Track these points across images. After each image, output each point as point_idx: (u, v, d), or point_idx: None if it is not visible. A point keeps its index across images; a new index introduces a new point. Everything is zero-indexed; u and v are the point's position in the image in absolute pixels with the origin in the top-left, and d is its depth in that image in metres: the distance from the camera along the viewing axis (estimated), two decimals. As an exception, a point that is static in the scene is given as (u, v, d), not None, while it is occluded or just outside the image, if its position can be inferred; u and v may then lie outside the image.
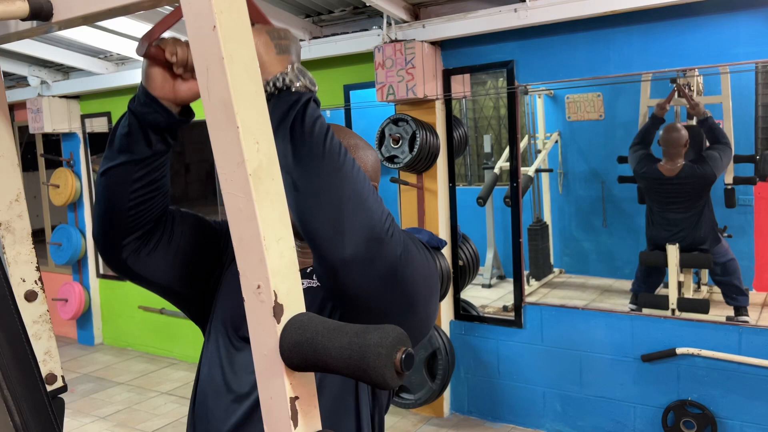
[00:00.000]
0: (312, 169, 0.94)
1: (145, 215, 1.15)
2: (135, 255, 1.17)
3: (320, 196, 0.94)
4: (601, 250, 5.33)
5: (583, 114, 5.13)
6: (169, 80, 1.05)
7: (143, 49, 1.02)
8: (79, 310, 5.84)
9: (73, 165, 5.80)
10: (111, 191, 1.12)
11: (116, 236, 1.15)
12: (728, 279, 4.06)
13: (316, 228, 0.95)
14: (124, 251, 1.16)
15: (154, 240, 1.18)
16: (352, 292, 0.98)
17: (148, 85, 1.06)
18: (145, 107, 1.06)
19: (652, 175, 4.11)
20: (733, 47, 3.12)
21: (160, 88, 1.05)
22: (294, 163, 0.94)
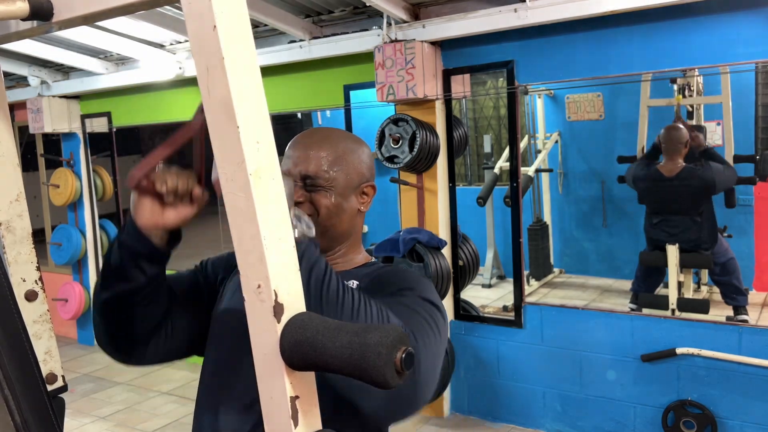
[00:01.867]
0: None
1: (149, 326, 1.19)
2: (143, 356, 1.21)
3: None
4: (601, 250, 5.33)
5: (583, 114, 5.13)
6: (157, 210, 1.07)
7: (134, 181, 1.04)
8: (79, 310, 5.84)
9: (73, 165, 5.79)
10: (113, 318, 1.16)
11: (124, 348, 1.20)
12: (727, 279, 4.06)
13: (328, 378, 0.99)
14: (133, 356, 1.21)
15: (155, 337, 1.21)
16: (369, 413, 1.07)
17: (137, 215, 1.07)
18: (132, 239, 1.08)
19: (652, 175, 4.11)
20: (733, 47, 3.12)
21: (149, 218, 1.07)
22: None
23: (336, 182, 1.21)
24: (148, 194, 1.05)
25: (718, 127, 4.45)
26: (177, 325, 1.23)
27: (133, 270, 1.10)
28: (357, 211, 1.25)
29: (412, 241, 3.50)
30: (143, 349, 1.20)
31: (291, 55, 4.17)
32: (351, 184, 1.23)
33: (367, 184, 1.26)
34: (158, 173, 1.04)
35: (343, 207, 1.21)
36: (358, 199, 1.25)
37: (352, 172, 1.23)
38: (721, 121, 4.38)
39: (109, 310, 1.15)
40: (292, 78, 4.45)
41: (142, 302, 1.14)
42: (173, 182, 1.05)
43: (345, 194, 1.22)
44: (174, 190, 1.05)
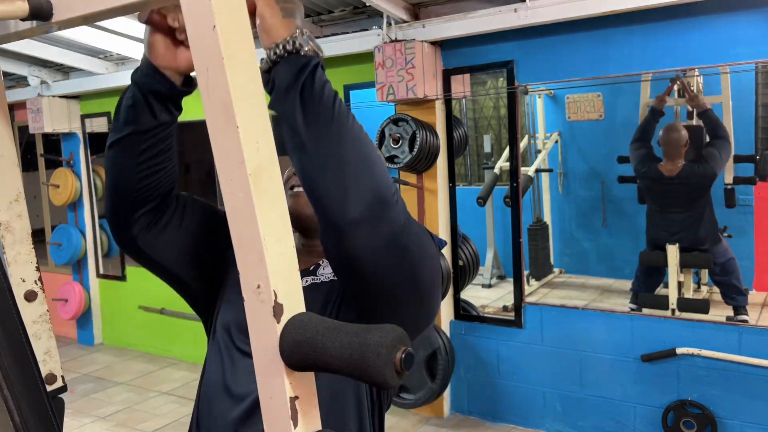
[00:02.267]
0: (321, 131, 0.95)
1: (154, 188, 1.15)
2: (145, 232, 1.18)
3: (329, 158, 0.95)
4: (601, 250, 5.33)
5: (583, 114, 5.13)
6: (171, 48, 1.05)
7: (145, 16, 1.01)
8: (79, 310, 5.84)
9: (73, 165, 5.80)
10: (119, 164, 1.13)
11: (126, 211, 1.16)
12: (727, 279, 4.06)
13: (324, 189, 0.95)
14: (134, 227, 1.17)
15: (164, 219, 1.19)
16: (355, 254, 0.98)
17: (150, 54, 1.06)
18: (147, 78, 1.07)
19: (652, 175, 4.11)
20: (733, 47, 3.12)
21: (162, 56, 1.05)
22: (303, 125, 0.94)
23: None
24: (161, 30, 1.03)
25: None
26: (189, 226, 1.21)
27: (144, 111, 1.08)
28: None
29: (412, 241, 3.50)
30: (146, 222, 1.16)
31: (291, 55, 4.16)
32: None
33: None
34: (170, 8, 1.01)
35: None
36: None
37: None
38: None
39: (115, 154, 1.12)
40: (292, 78, 4.44)
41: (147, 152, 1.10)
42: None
43: None
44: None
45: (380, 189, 0.97)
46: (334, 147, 0.95)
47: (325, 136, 0.95)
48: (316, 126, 0.95)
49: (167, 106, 1.10)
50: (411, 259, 1.02)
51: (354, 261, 0.99)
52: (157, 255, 1.21)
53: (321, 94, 0.95)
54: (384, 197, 0.97)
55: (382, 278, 1.01)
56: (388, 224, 0.98)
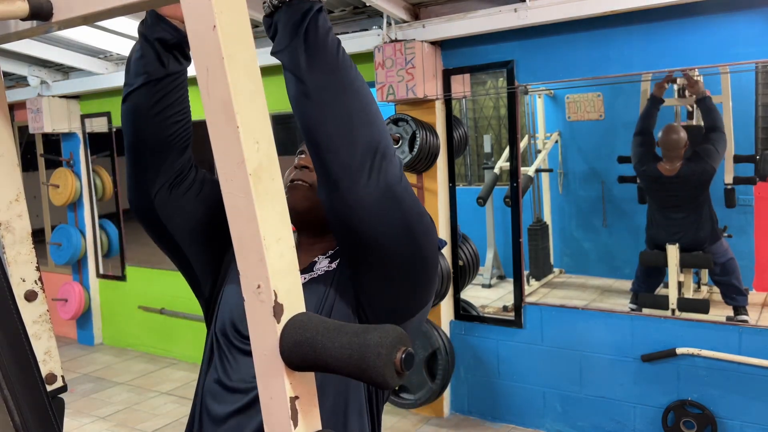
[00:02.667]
0: (326, 77, 0.95)
1: (170, 142, 1.15)
2: (165, 192, 1.18)
3: (332, 106, 0.95)
4: (601, 250, 5.33)
5: (583, 114, 5.13)
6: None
7: None
8: (79, 310, 5.84)
9: (73, 165, 5.80)
10: (133, 116, 1.13)
11: (145, 168, 1.17)
12: (727, 279, 4.06)
13: (325, 135, 0.95)
14: (153, 186, 1.17)
15: (185, 185, 1.19)
16: (351, 202, 0.98)
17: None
18: (152, 27, 1.07)
19: (652, 174, 4.11)
20: (733, 47, 3.12)
21: (168, 6, 1.06)
22: (307, 70, 0.94)
23: None
24: None
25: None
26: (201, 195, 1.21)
27: (153, 61, 1.08)
28: None
29: (412, 241, 3.50)
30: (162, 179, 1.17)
31: (291, 55, 4.16)
32: None
33: None
34: None
35: None
36: None
37: None
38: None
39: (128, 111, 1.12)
40: (292, 78, 4.44)
41: (160, 104, 1.11)
42: None
43: None
44: None
45: (380, 140, 0.98)
46: (338, 95, 0.95)
47: (330, 83, 0.95)
48: (321, 73, 0.94)
49: (174, 54, 1.11)
50: (407, 215, 1.03)
51: (351, 211, 0.99)
52: (169, 222, 1.21)
53: (325, 40, 0.95)
54: (383, 148, 0.98)
55: (378, 230, 1.01)
56: (385, 175, 0.98)
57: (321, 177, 1.00)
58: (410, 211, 1.03)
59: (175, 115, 1.15)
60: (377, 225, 1.00)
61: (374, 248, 1.03)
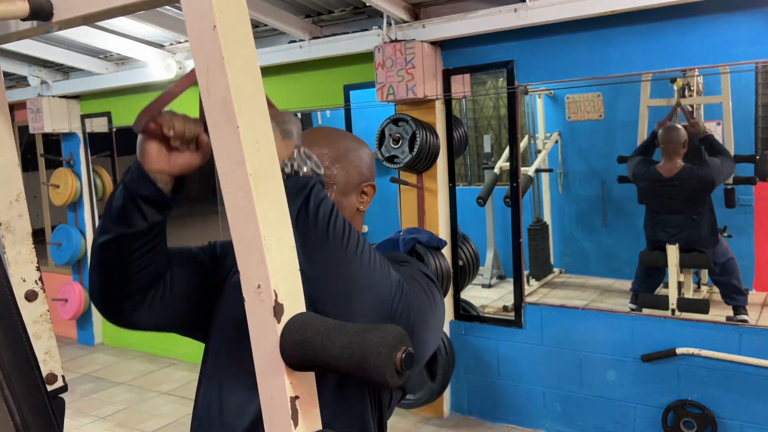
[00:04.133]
0: (318, 254, 0.98)
1: (144, 280, 1.15)
2: (135, 313, 1.17)
3: (328, 282, 0.98)
4: (601, 250, 5.33)
5: (583, 114, 5.13)
6: (164, 154, 1.05)
7: (141, 125, 1.01)
8: (79, 310, 5.84)
9: (73, 165, 5.80)
10: (109, 263, 1.12)
11: (116, 300, 1.16)
12: (727, 279, 4.06)
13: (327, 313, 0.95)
14: (124, 312, 1.17)
15: (150, 295, 1.17)
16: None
17: (143, 160, 1.05)
18: (137, 183, 1.06)
19: (651, 176, 4.11)
20: (733, 47, 3.12)
21: (155, 162, 1.05)
22: (301, 250, 0.95)
23: (336, 179, 1.21)
24: (155, 138, 1.03)
25: (718, 127, 4.45)
26: (176, 290, 1.20)
27: (135, 214, 1.07)
28: (356, 209, 1.25)
29: (412, 241, 3.49)
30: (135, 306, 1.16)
31: (291, 55, 4.17)
32: (351, 183, 1.23)
33: (366, 183, 1.26)
34: (165, 116, 1.02)
35: (342, 204, 1.21)
36: (358, 198, 1.25)
37: (353, 171, 1.23)
38: (721, 121, 4.38)
39: (104, 256, 1.11)
40: (292, 78, 4.45)
41: (139, 251, 1.10)
42: (180, 126, 1.02)
43: (345, 192, 1.22)
44: (181, 135, 1.02)
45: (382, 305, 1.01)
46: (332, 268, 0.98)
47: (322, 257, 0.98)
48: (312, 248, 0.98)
49: (156, 209, 1.09)
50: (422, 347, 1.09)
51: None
52: (152, 325, 1.22)
53: (315, 215, 0.98)
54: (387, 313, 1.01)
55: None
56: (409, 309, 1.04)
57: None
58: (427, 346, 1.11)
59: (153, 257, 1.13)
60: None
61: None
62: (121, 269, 1.12)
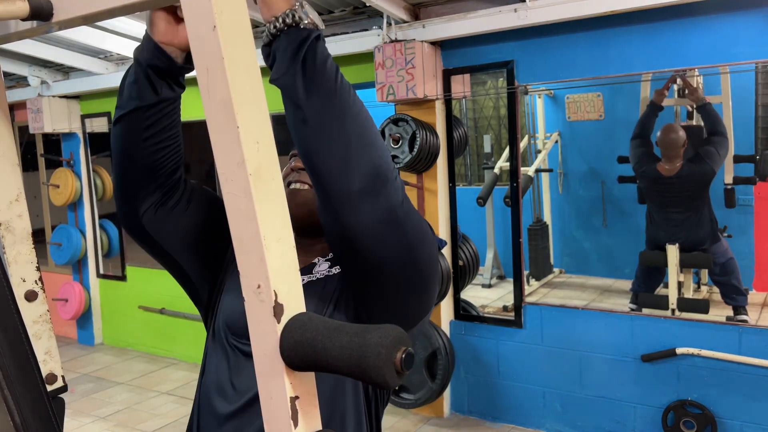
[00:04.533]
0: (324, 103, 0.95)
1: (160, 165, 1.16)
2: (152, 212, 1.19)
3: (331, 131, 0.95)
4: (601, 250, 5.33)
5: (583, 114, 5.13)
6: (172, 25, 1.06)
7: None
8: (79, 310, 5.84)
9: (73, 165, 5.80)
10: (124, 140, 1.13)
11: (134, 188, 1.17)
12: (727, 279, 4.06)
13: (325, 162, 0.95)
14: (141, 207, 1.18)
15: (171, 202, 1.20)
16: (353, 228, 0.99)
17: (152, 31, 1.06)
18: (147, 53, 1.07)
19: (651, 175, 4.11)
20: (733, 47, 3.12)
21: (164, 33, 1.06)
22: (305, 97, 0.94)
23: None
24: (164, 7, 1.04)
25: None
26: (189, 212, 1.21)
27: (146, 87, 1.08)
28: None
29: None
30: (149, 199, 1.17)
31: (291, 55, 4.16)
32: None
33: None
34: None
35: None
36: None
37: None
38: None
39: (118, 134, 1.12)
40: (292, 78, 4.44)
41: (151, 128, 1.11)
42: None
43: None
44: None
45: (380, 164, 0.98)
46: (336, 120, 0.95)
47: (328, 109, 0.95)
48: (319, 99, 0.95)
49: (168, 81, 1.10)
50: (409, 236, 1.03)
51: (352, 235, 1.00)
52: (161, 238, 1.22)
53: (323, 67, 0.95)
54: (384, 172, 0.98)
55: (379, 254, 1.02)
56: (387, 200, 0.98)
57: (321, 202, 1.01)
58: (412, 234, 1.04)
59: (166, 140, 1.15)
60: (379, 249, 1.01)
61: (376, 270, 1.04)
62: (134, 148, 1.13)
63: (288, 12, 0.95)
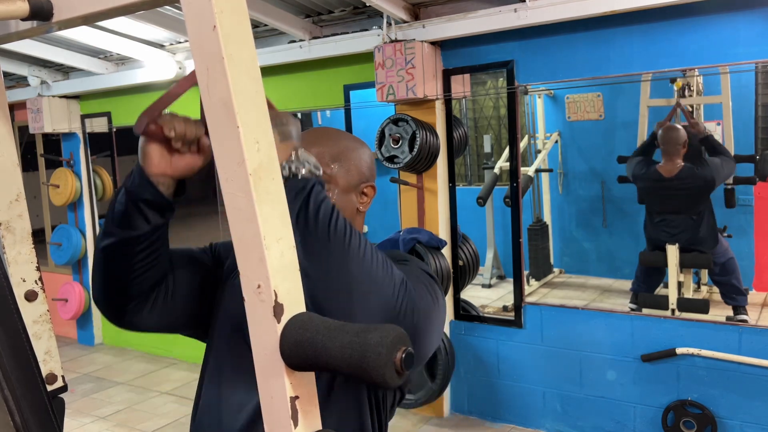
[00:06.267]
0: (319, 254, 0.97)
1: (147, 282, 1.15)
2: (138, 315, 1.18)
3: (330, 281, 0.98)
4: (601, 250, 5.33)
5: (583, 114, 5.13)
6: (165, 157, 1.05)
7: (142, 127, 1.01)
8: (79, 310, 5.84)
9: (73, 165, 5.80)
10: (112, 266, 1.13)
11: (119, 303, 1.16)
12: (727, 279, 4.06)
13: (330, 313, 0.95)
14: (127, 314, 1.17)
15: (152, 297, 1.18)
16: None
17: (145, 163, 1.05)
18: (138, 188, 1.06)
19: (651, 176, 4.11)
20: (733, 47, 3.12)
21: (157, 165, 1.05)
22: (302, 250, 0.95)
23: (336, 179, 1.21)
24: (156, 140, 1.03)
25: (718, 127, 4.45)
26: (177, 291, 1.20)
27: (137, 217, 1.08)
28: (356, 210, 1.25)
29: (412, 241, 3.49)
30: (138, 308, 1.17)
31: (291, 55, 4.17)
32: (351, 183, 1.23)
33: (366, 184, 1.26)
34: (166, 118, 1.02)
35: (342, 205, 1.21)
36: (358, 198, 1.25)
37: (353, 171, 1.23)
38: (721, 121, 4.38)
39: (107, 258, 1.12)
40: (292, 78, 4.45)
41: (142, 253, 1.11)
42: (182, 128, 1.02)
43: (345, 192, 1.22)
44: (182, 137, 1.02)
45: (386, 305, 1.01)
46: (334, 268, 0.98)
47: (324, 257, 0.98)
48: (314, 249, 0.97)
49: (158, 212, 1.10)
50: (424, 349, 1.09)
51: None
52: (155, 327, 1.22)
53: (316, 216, 0.98)
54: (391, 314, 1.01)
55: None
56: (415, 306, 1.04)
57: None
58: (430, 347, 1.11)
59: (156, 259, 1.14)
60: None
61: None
62: (124, 272, 1.12)
63: (285, 164, 0.99)
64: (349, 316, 0.95)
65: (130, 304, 1.16)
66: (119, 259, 1.11)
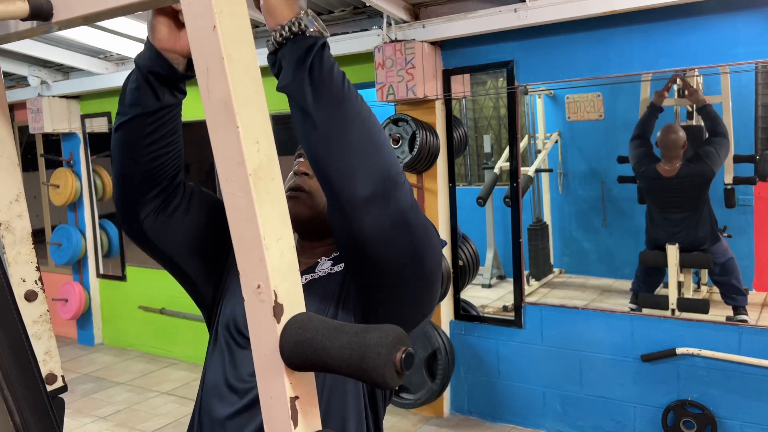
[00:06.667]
0: (332, 111, 0.95)
1: (161, 171, 1.16)
2: (152, 217, 1.19)
3: (340, 137, 0.96)
4: (601, 250, 5.33)
5: (583, 114, 5.13)
6: (174, 31, 1.05)
7: None
8: (79, 310, 5.84)
9: (73, 165, 5.80)
10: (125, 146, 1.13)
11: (134, 195, 1.17)
12: (727, 279, 4.06)
13: (335, 167, 0.96)
14: (141, 212, 1.18)
15: (171, 207, 1.20)
16: (363, 233, 0.99)
17: (153, 37, 1.06)
18: (148, 61, 1.07)
19: (651, 175, 4.11)
20: (733, 47, 3.12)
21: (165, 39, 1.06)
22: (314, 105, 0.95)
23: None
24: (164, 12, 1.03)
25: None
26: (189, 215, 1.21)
27: (148, 93, 1.08)
28: None
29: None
30: (154, 209, 1.18)
31: (291, 55, 4.16)
32: None
33: None
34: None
35: None
36: None
37: None
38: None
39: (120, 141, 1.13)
40: (292, 78, 4.44)
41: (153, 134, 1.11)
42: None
43: None
44: None
45: (389, 169, 0.99)
46: (344, 126, 0.96)
47: (336, 115, 0.95)
48: (327, 105, 0.95)
49: (170, 88, 1.11)
50: (417, 240, 1.04)
51: (362, 240, 1.00)
52: (162, 243, 1.22)
53: (330, 74, 0.96)
54: (393, 177, 0.99)
55: (388, 257, 1.02)
56: (396, 204, 0.99)
57: (332, 207, 1.01)
58: (421, 236, 1.05)
59: (168, 145, 1.15)
60: (388, 251, 1.02)
61: (383, 271, 1.05)
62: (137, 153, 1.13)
63: (294, 20, 0.95)
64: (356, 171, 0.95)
65: (145, 198, 1.17)
66: (131, 140, 1.12)
